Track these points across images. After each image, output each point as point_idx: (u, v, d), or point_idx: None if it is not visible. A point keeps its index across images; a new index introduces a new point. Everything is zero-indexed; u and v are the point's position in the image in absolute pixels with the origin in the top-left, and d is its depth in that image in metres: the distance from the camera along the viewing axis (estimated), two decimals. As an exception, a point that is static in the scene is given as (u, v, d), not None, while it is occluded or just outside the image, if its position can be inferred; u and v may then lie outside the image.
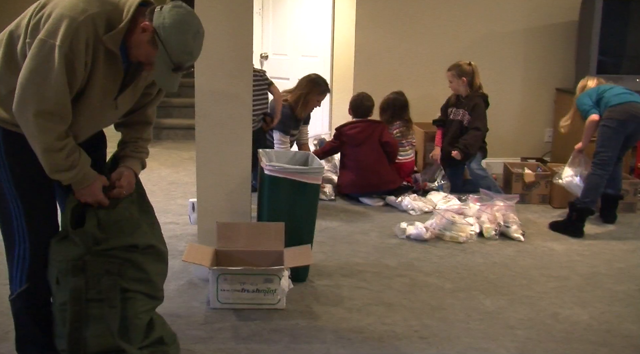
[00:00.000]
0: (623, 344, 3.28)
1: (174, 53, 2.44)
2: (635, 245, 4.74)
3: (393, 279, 3.97)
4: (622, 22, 6.48)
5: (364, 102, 5.73)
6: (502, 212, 4.83)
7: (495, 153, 6.26)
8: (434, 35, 6.50)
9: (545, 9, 6.61)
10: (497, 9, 6.56)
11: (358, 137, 5.55)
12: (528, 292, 3.86)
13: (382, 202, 5.48)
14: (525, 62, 6.68)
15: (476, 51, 6.47)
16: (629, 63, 6.51)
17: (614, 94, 4.94)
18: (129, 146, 2.83)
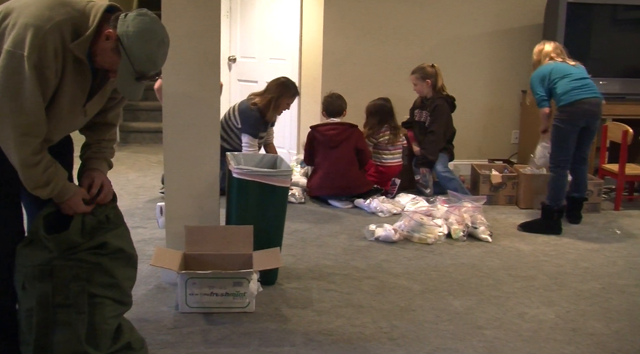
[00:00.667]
0: (588, 342, 3.32)
1: (137, 62, 2.41)
2: (599, 245, 4.82)
3: (362, 281, 3.99)
4: (585, 25, 6.58)
5: (337, 101, 5.79)
6: (469, 213, 4.87)
7: (463, 155, 6.32)
8: (402, 37, 6.54)
9: (511, 12, 6.69)
10: (464, 12, 6.63)
11: (335, 139, 5.58)
12: (496, 292, 3.90)
13: (351, 205, 5.50)
14: (491, 65, 6.75)
15: (443, 54, 6.53)
16: (593, 66, 6.57)
17: (563, 90, 4.93)
18: (92, 147, 2.80)
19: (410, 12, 6.53)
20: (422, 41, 6.58)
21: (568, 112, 4.94)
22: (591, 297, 3.88)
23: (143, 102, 8.33)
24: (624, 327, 3.50)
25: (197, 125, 3.75)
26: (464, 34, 6.66)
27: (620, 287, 4.05)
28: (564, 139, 4.98)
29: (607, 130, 5.99)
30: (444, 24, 6.62)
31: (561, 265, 4.38)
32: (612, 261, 4.50)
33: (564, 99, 4.94)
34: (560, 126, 4.96)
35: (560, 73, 5.01)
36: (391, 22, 6.52)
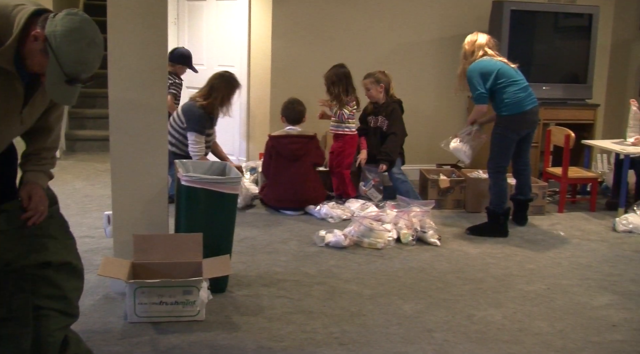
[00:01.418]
0: (534, 342, 3.39)
1: (66, 63, 2.30)
2: (544, 246, 4.92)
3: (313, 287, 4.00)
4: (529, 32, 6.73)
5: (297, 107, 5.78)
6: (418, 218, 4.93)
7: (411, 160, 6.39)
8: (351, 44, 6.59)
9: (457, 19, 6.80)
10: (412, 19, 6.71)
11: (296, 153, 5.57)
12: (445, 295, 3.95)
13: (301, 211, 5.51)
14: (439, 71, 6.84)
15: (392, 60, 6.60)
16: (536, 71, 6.75)
17: (512, 100, 4.96)
18: (31, 159, 2.68)
19: (360, 18, 6.59)
20: (372, 47, 6.64)
21: (515, 121, 5.01)
22: (536, 297, 3.97)
23: (90, 110, 8.21)
24: (567, 326, 3.59)
25: (144, 132, 3.72)
26: (413, 40, 6.75)
27: (564, 287, 4.14)
28: (508, 146, 5.06)
29: (550, 134, 6.13)
30: (393, 30, 6.69)
31: (508, 267, 4.46)
32: (556, 262, 4.60)
33: (512, 109, 4.97)
34: (505, 134, 5.03)
35: (507, 77, 4.99)
36: (341, 28, 6.57)
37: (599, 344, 3.40)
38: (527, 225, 5.40)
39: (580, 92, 6.70)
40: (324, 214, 5.34)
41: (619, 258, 4.72)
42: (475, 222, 5.35)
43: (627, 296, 4.03)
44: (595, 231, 5.34)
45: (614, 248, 4.94)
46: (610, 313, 3.78)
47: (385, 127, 5.91)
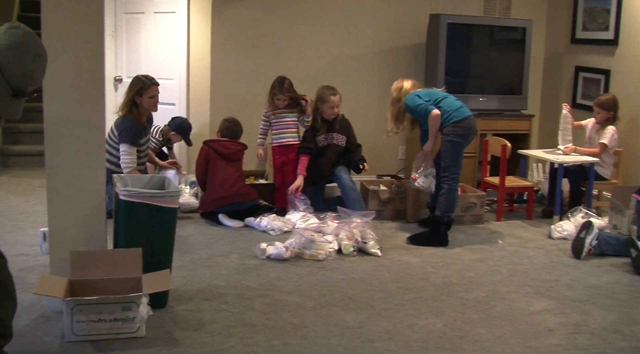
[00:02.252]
0: (474, 349, 3.45)
1: (12, 77, 2.30)
2: (483, 254, 5.01)
3: (254, 300, 3.98)
4: (465, 44, 6.86)
5: (235, 127, 5.87)
6: (359, 228, 4.96)
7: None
8: (291, 56, 6.61)
9: (396, 32, 6.89)
10: (351, 31, 6.77)
11: (236, 153, 5.71)
12: (386, 305, 3.98)
13: (242, 224, 5.49)
14: (379, 83, 6.91)
15: (333, 72, 6.64)
16: (473, 83, 6.90)
17: (453, 107, 5.18)
18: None
19: (300, 30, 6.62)
20: (312, 59, 6.67)
21: (462, 127, 5.17)
22: (476, 305, 4.03)
23: (25, 125, 8.02)
24: (506, 332, 3.66)
25: (81, 147, 3.66)
26: (353, 52, 6.81)
27: (502, 294, 4.22)
28: (460, 153, 5.22)
29: (487, 145, 6.25)
30: (333, 42, 6.74)
31: (448, 276, 4.53)
32: (495, 269, 4.69)
33: (456, 115, 5.16)
34: (457, 141, 5.17)
35: (439, 95, 5.30)
36: (281, 40, 6.58)
37: (536, 348, 3.48)
38: (466, 234, 5.49)
39: (515, 103, 6.86)
40: (264, 227, 5.33)
41: (554, 264, 4.83)
42: (415, 232, 5.43)
43: (563, 301, 4.13)
44: (532, 239, 5.46)
45: (549, 255, 5.05)
46: (546, 318, 3.87)
47: (345, 142, 5.99)
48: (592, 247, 4.95)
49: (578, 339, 3.60)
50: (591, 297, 4.22)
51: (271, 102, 5.92)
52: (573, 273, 4.66)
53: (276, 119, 5.94)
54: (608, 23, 6.53)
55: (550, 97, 7.32)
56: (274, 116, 5.94)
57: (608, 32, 6.53)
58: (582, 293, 4.28)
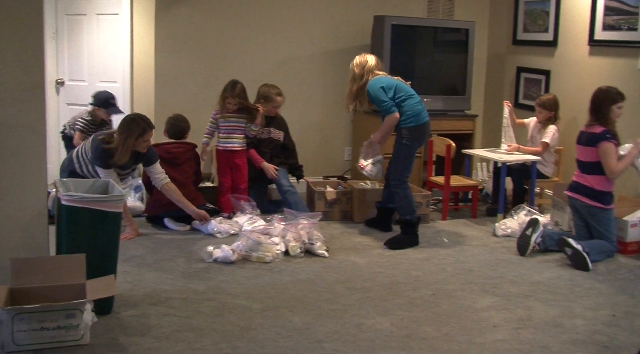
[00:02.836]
0: (421, 346, 3.49)
1: None
2: (429, 253, 5.07)
3: (201, 303, 3.95)
4: (409, 46, 6.93)
5: (180, 124, 5.77)
6: (306, 230, 4.96)
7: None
8: (237, 58, 6.58)
9: (341, 33, 6.93)
10: (297, 33, 6.78)
11: (181, 157, 5.61)
12: (334, 305, 3.99)
13: (189, 227, 5.44)
14: (324, 84, 6.94)
15: (277, 73, 6.63)
16: (417, 84, 6.91)
17: (414, 112, 5.16)
18: None
19: (245, 31, 6.59)
20: (258, 61, 6.65)
21: (418, 132, 5.21)
22: (423, 303, 4.07)
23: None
24: (452, 329, 3.71)
25: (21, 152, 3.59)
26: (298, 54, 6.81)
27: (448, 292, 4.27)
28: (412, 157, 5.27)
29: (432, 144, 6.33)
30: (278, 44, 6.73)
31: (394, 275, 4.56)
32: (441, 268, 4.75)
33: (414, 120, 5.17)
34: (409, 144, 5.21)
35: (405, 92, 5.22)
36: (226, 42, 6.55)
37: (481, 344, 3.53)
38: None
39: (459, 103, 6.96)
40: (211, 230, 5.29)
41: (499, 262, 4.91)
42: (363, 232, 5.47)
43: (507, 298, 4.20)
44: (476, 237, 5.55)
45: (494, 252, 5.14)
46: (491, 315, 3.93)
47: (282, 138, 6.01)
48: (536, 244, 5.06)
49: (522, 334, 3.67)
50: (534, 292, 4.31)
51: (222, 105, 5.82)
52: (517, 270, 4.74)
53: (224, 122, 5.85)
54: (547, 25, 6.68)
55: (493, 97, 7.45)
56: (222, 119, 5.85)
57: (547, 34, 6.68)
58: (526, 289, 4.37)
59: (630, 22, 5.69)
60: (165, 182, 5.25)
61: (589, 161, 4.95)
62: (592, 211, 4.97)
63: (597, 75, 5.97)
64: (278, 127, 6.07)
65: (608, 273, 4.70)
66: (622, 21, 5.78)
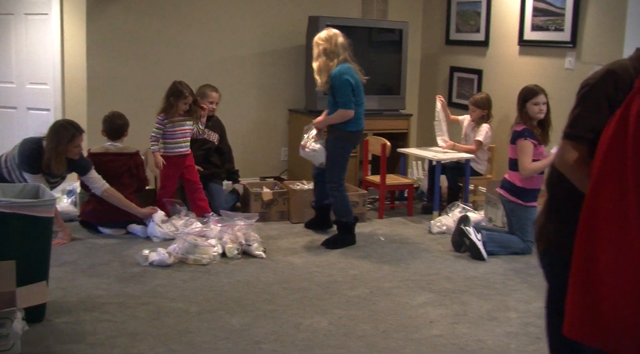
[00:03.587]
0: (359, 344, 3.51)
1: None
2: (366, 252, 5.10)
3: (137, 308, 3.89)
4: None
5: (116, 121, 5.53)
6: (243, 231, 4.94)
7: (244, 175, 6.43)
8: (171, 58, 6.51)
9: (276, 34, 6.92)
10: (231, 33, 6.75)
11: (117, 171, 5.41)
12: (271, 306, 3.99)
13: (124, 231, 5.35)
14: (259, 85, 6.93)
15: (213, 74, 6.58)
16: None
17: (357, 117, 5.17)
18: None
19: (179, 32, 6.53)
20: (192, 61, 6.59)
21: (356, 137, 5.28)
22: (360, 302, 4.10)
23: None
24: (390, 326, 3.75)
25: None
26: (233, 55, 6.78)
27: (385, 290, 4.32)
28: (346, 159, 5.29)
29: (368, 144, 6.38)
30: (212, 44, 6.69)
31: (332, 274, 4.58)
32: (378, 266, 4.79)
33: (356, 125, 5.19)
34: (347, 148, 5.25)
35: (360, 97, 5.17)
36: (160, 42, 6.47)
37: (418, 340, 3.58)
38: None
39: (394, 103, 7.03)
40: (147, 233, 5.21)
41: (434, 258, 4.99)
42: (300, 233, 5.49)
43: (443, 294, 4.27)
44: (413, 235, 5.62)
45: (430, 249, 5.21)
46: (428, 311, 3.99)
47: (217, 140, 5.96)
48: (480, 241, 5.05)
49: (457, 329, 3.74)
50: (469, 287, 4.39)
51: (170, 108, 5.50)
52: (452, 266, 4.82)
53: (172, 127, 5.55)
54: (479, 25, 6.81)
55: (427, 96, 7.56)
56: (171, 123, 5.53)
57: (479, 34, 6.81)
58: (461, 284, 4.45)
59: (557, 23, 5.85)
60: (105, 188, 5.16)
61: (512, 158, 5.06)
62: (512, 206, 5.08)
63: (526, 74, 6.12)
64: (213, 128, 6.02)
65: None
66: (549, 22, 5.94)
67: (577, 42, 5.67)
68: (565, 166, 2.27)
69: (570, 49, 5.73)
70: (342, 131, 5.15)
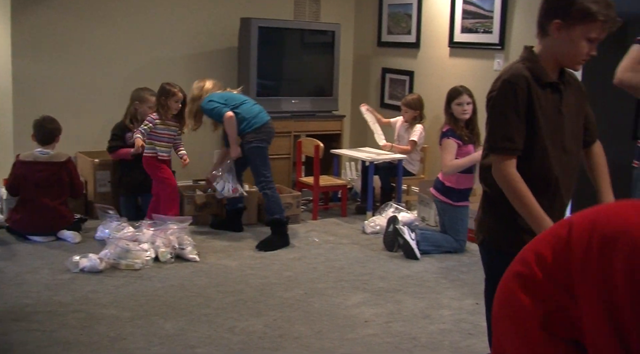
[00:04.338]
0: (294, 346, 3.52)
1: None
2: (300, 253, 5.11)
3: (68, 315, 3.80)
4: (276, 48, 6.97)
5: (47, 126, 5.33)
6: (176, 234, 4.89)
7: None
8: (103, 60, 6.38)
9: (207, 35, 6.86)
10: (164, 35, 6.65)
11: (47, 181, 5.20)
12: (206, 310, 3.96)
13: (53, 237, 5.21)
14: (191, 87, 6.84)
15: (145, 76, 6.45)
16: (285, 85, 7.02)
17: (252, 114, 5.29)
18: None
19: (109, 34, 6.39)
20: (123, 64, 6.48)
21: (264, 132, 5.30)
22: (295, 303, 4.11)
23: None
24: (324, 327, 3.76)
25: None
26: (165, 56, 6.69)
27: (320, 290, 4.33)
28: (266, 156, 5.33)
29: (301, 145, 6.39)
30: (145, 46, 6.58)
31: (266, 276, 4.57)
32: (312, 267, 4.80)
33: (256, 121, 5.27)
34: (262, 146, 5.29)
35: (236, 100, 5.37)
36: (90, 44, 6.32)
37: (353, 340, 3.61)
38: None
39: (327, 104, 7.06)
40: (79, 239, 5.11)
41: (368, 258, 5.03)
42: (234, 235, 5.48)
43: (377, 293, 4.31)
44: (347, 235, 5.65)
45: (364, 249, 5.25)
46: (362, 310, 4.02)
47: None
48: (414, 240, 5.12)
49: (392, 328, 3.78)
50: (403, 286, 4.44)
51: (163, 109, 5.39)
52: (386, 265, 4.87)
53: (165, 130, 5.43)
54: (410, 27, 6.90)
55: (360, 98, 7.61)
56: (163, 125, 5.41)
57: (411, 36, 6.90)
58: (395, 283, 4.50)
59: (486, 26, 5.98)
60: None
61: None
62: (443, 206, 5.16)
63: (456, 75, 6.23)
64: None
65: (472, 264, 4.91)
66: (478, 24, 6.07)
67: (505, 44, 5.81)
68: (500, 180, 2.40)
69: (498, 51, 5.87)
70: (247, 134, 5.29)
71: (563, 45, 2.38)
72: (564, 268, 1.58)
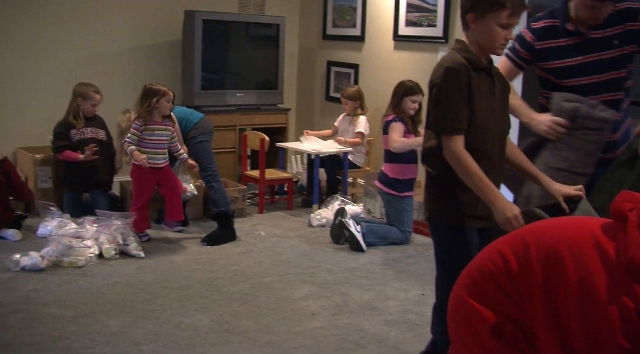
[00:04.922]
0: (241, 340, 3.51)
1: None
2: (247, 247, 5.10)
3: (8, 316, 3.72)
4: (221, 41, 6.91)
5: None
6: (120, 231, 4.82)
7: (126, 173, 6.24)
8: (39, 55, 6.22)
9: (151, 28, 6.76)
10: (105, 28, 6.52)
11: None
12: (151, 306, 3.92)
13: (-6, 236, 5.08)
14: (134, 81, 6.71)
15: (86, 70, 6.35)
16: (230, 79, 6.97)
17: (185, 114, 5.43)
18: None
19: (48, 27, 6.24)
20: (64, 57, 6.33)
21: (202, 126, 5.38)
22: (242, 297, 4.10)
23: None
24: (272, 320, 3.77)
25: None
26: (106, 50, 6.57)
27: (267, 284, 4.33)
28: (210, 150, 5.34)
29: (246, 139, 6.36)
30: (85, 39, 6.43)
31: (213, 271, 4.55)
32: (259, 261, 4.80)
33: (193, 118, 5.40)
34: (204, 140, 5.32)
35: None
36: (28, 38, 6.16)
37: (301, 333, 3.62)
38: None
39: (272, 97, 7.04)
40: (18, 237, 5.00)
41: (315, 251, 5.04)
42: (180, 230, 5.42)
43: (324, 286, 4.33)
44: (293, 228, 5.65)
45: (310, 242, 5.27)
46: (309, 303, 4.03)
47: (105, 137, 5.76)
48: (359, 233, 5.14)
49: (339, 319, 3.80)
50: (349, 279, 4.47)
51: (150, 113, 5.00)
52: (333, 258, 4.89)
53: (149, 135, 5.03)
54: (355, 20, 6.92)
55: (305, 91, 7.62)
56: (147, 131, 5.01)
57: (355, 29, 6.92)
58: (342, 276, 4.52)
59: (430, 19, 6.03)
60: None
61: (385, 149, 5.21)
62: (388, 198, 5.21)
63: (401, 68, 6.28)
64: (99, 126, 5.78)
65: (417, 255, 4.98)
66: (422, 18, 6.12)
67: (449, 38, 5.87)
68: (452, 158, 2.62)
69: (442, 44, 5.93)
70: (189, 130, 5.35)
71: (481, 34, 2.64)
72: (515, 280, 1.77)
